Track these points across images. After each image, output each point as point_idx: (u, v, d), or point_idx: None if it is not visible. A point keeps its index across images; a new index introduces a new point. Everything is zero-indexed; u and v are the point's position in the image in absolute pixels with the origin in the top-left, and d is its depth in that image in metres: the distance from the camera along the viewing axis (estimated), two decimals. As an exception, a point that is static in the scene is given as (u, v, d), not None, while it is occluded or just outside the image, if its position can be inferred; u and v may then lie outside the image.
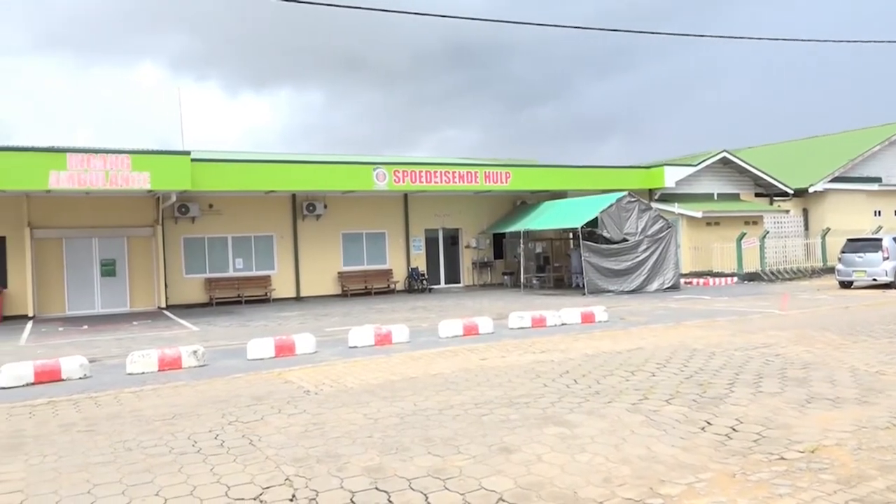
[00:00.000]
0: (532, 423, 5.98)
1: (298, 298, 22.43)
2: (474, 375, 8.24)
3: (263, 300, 21.86)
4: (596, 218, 20.41)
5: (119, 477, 4.97)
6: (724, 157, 28.01)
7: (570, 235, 23.81)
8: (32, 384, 8.76)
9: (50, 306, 19.34)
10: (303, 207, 22.38)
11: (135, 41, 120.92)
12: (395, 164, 21.84)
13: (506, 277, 25.63)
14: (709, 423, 5.82)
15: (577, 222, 20.82)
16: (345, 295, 23.02)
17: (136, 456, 5.48)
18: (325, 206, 22.75)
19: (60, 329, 16.01)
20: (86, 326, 16.27)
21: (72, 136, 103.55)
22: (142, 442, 5.87)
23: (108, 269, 20.11)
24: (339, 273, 23.23)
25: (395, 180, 21.44)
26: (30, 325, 17.11)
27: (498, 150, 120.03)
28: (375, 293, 23.40)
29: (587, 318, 13.58)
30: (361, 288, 23.36)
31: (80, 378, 9.11)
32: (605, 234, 20.66)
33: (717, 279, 24.08)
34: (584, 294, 20.04)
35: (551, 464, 4.91)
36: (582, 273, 20.99)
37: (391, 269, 24.19)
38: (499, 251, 26.58)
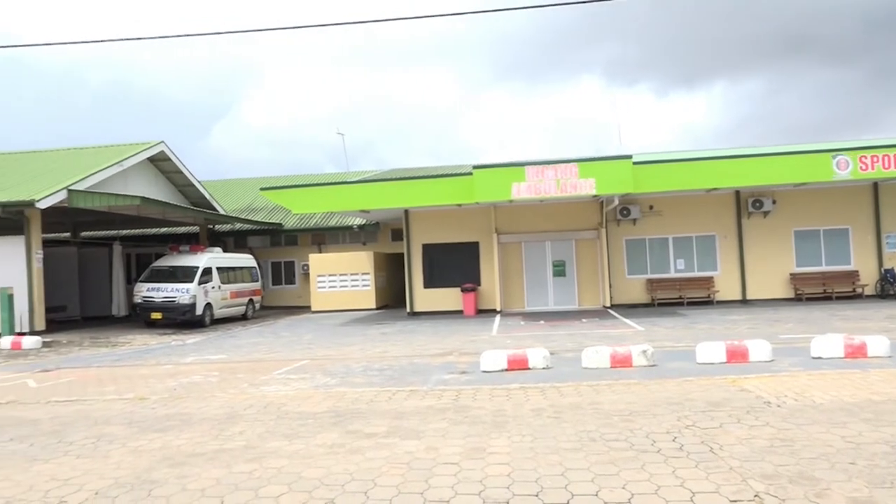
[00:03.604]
0: None
1: (744, 301, 21.10)
2: None
3: (705, 302, 21.16)
4: None
5: (587, 465, 5.30)
6: None
7: None
8: (506, 370, 10.01)
9: (512, 302, 21.97)
10: (748, 204, 20.98)
11: (573, 58, 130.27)
12: (860, 150, 18.85)
13: None
14: None
15: None
16: (798, 299, 20.81)
17: (599, 447, 5.77)
18: (774, 202, 20.92)
19: (522, 323, 18.03)
20: (542, 322, 18.00)
21: (524, 150, 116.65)
22: (603, 434, 6.17)
23: (559, 269, 21.94)
24: (790, 275, 21.11)
25: (861, 168, 18.50)
26: (498, 318, 19.69)
27: None
28: (837, 298, 20.58)
29: None
30: (819, 291, 20.80)
31: (543, 368, 10.06)
32: None
33: None
34: None
35: None
36: None
37: (857, 271, 20.98)
38: None
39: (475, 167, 18.87)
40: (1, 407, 9.05)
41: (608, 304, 21.00)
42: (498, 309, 21.37)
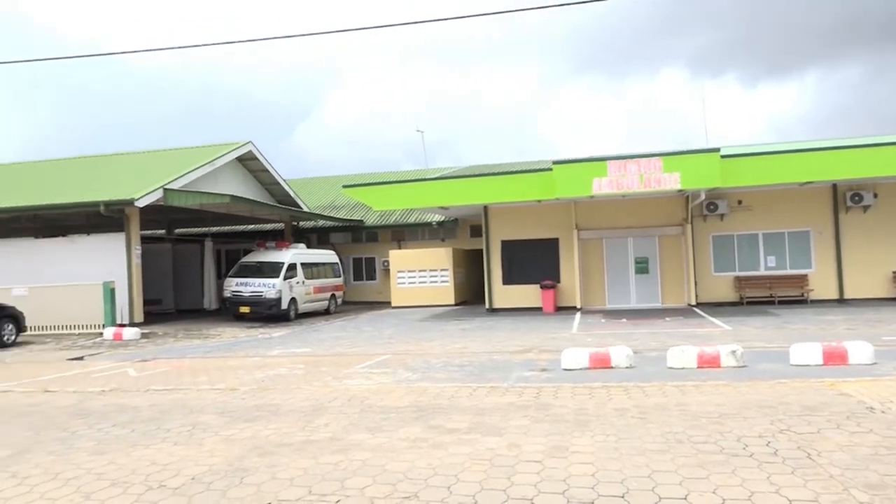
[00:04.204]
0: None
1: (841, 300, 20.00)
2: None
3: (798, 301, 20.18)
4: None
5: (674, 467, 5.15)
6: None
7: None
8: (588, 368, 9.85)
9: (592, 299, 21.61)
10: (846, 198, 19.85)
11: (655, 50, 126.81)
12: (974, 138, 17.52)
13: None
14: None
15: None
16: (902, 298, 19.56)
17: (687, 449, 5.60)
18: (875, 196, 19.72)
19: (602, 321, 17.70)
20: (624, 320, 17.61)
21: (604, 145, 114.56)
22: (691, 436, 5.98)
23: (642, 266, 21.42)
24: (894, 272, 19.85)
25: (975, 158, 17.18)
26: (578, 315, 19.41)
27: None
28: (946, 298, 19.23)
29: None
30: (925, 291, 19.48)
31: (627, 367, 9.85)
32: None
33: None
34: None
35: None
36: None
37: (969, 269, 19.53)
38: None
39: (555, 162, 18.65)
40: (105, 394, 9.62)
41: (693, 303, 20.34)
42: (578, 306, 21.06)
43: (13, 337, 17.49)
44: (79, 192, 21.31)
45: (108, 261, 20.22)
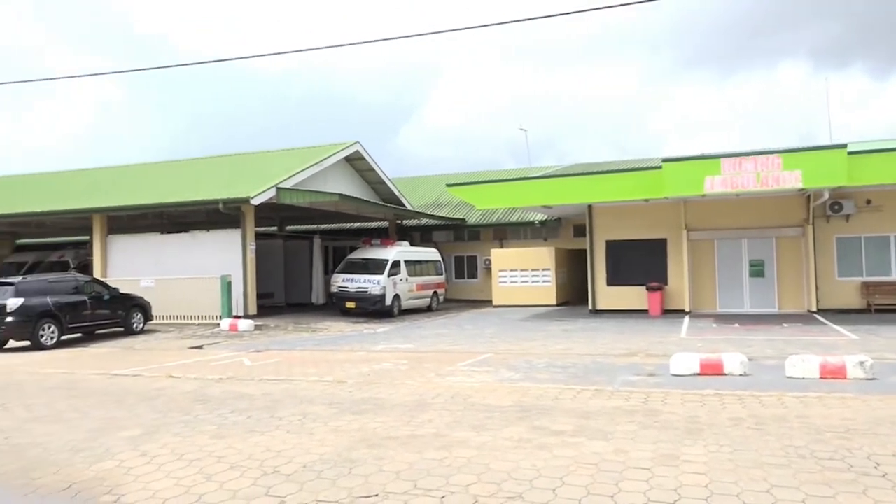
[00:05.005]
0: None
1: None
2: None
3: (936, 310, 18.54)
4: None
5: (796, 483, 4.85)
6: None
7: None
8: (698, 374, 9.45)
9: (702, 303, 20.73)
10: None
11: (773, 43, 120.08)
12: None
13: None
14: None
15: None
16: None
17: (810, 465, 5.26)
18: None
19: (713, 325, 16.95)
20: (737, 325, 16.79)
21: (716, 142, 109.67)
22: (814, 451, 5.61)
23: (757, 269, 20.33)
24: None
25: None
26: (687, 319, 18.67)
27: None
28: None
29: None
30: None
31: (741, 375, 9.37)
32: None
33: None
34: None
35: None
36: None
37: None
38: None
39: (664, 160, 18.01)
40: (223, 382, 10.16)
41: (813, 309, 19.11)
42: (686, 310, 20.27)
43: (141, 325, 18.85)
44: (200, 191, 22.63)
45: (225, 255, 21.34)
